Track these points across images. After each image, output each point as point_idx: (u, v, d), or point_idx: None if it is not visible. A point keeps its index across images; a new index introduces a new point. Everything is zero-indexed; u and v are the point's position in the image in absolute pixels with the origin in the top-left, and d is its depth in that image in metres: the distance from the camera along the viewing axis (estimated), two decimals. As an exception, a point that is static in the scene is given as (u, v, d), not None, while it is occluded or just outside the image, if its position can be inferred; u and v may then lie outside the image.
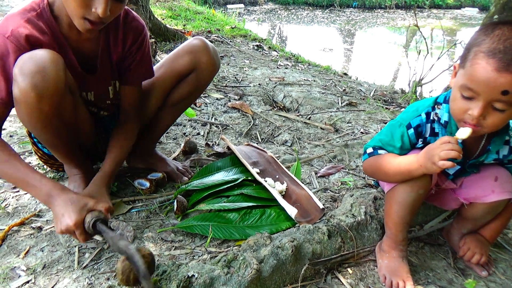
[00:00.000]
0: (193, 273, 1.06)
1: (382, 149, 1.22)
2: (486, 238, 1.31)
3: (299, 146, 2.15)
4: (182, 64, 1.50)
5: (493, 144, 1.14)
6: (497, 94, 0.92)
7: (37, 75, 1.06)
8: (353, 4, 14.38)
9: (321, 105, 2.78)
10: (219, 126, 2.29)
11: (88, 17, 1.10)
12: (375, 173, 1.27)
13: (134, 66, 1.40)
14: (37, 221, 1.37)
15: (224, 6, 11.67)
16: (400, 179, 1.15)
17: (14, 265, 1.18)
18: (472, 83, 0.96)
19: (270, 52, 4.69)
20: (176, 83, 1.55)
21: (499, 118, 0.97)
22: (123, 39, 1.35)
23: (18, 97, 1.09)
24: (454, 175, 1.26)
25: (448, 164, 0.99)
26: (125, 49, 1.37)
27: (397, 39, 9.51)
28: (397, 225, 1.20)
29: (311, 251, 1.22)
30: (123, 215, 1.44)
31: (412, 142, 1.17)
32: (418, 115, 1.16)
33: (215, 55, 1.53)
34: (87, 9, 1.08)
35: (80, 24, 1.12)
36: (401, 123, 1.17)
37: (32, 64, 1.06)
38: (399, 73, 5.92)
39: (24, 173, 1.15)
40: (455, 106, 1.03)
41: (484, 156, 1.17)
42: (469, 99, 0.98)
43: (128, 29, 1.34)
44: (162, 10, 6.06)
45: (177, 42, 4.28)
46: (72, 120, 1.30)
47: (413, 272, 1.25)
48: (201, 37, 1.53)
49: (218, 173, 1.70)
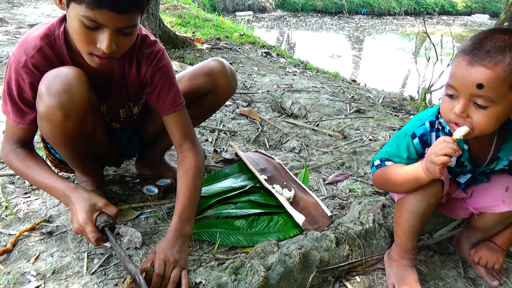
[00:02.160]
0: (200, 279, 1.06)
1: (389, 161, 1.22)
2: (498, 245, 1.29)
3: (307, 153, 2.15)
4: (199, 85, 1.48)
5: (502, 151, 1.13)
6: (473, 88, 0.94)
7: (64, 94, 1.08)
8: (362, 11, 14.37)
9: (329, 112, 2.78)
10: (227, 133, 2.30)
11: (95, 53, 1.06)
12: (384, 185, 1.28)
13: (159, 95, 1.30)
14: (48, 226, 1.39)
15: (233, 13, 11.75)
16: (409, 187, 1.15)
17: (25, 270, 1.19)
18: (451, 80, 0.99)
19: (279, 59, 4.71)
20: (190, 102, 1.48)
21: (484, 116, 0.96)
22: (137, 67, 1.29)
23: (44, 115, 1.12)
24: (465, 183, 1.24)
25: (445, 158, 0.99)
26: (141, 77, 1.30)
27: (406, 45, 9.48)
28: (407, 234, 1.19)
29: (318, 259, 1.21)
30: (132, 221, 1.45)
31: (419, 151, 1.17)
32: (422, 124, 1.16)
33: (232, 78, 1.51)
34: (92, 45, 1.05)
35: (88, 59, 1.10)
36: (406, 133, 1.18)
37: (58, 83, 1.07)
38: (408, 80, 5.89)
39: (44, 176, 1.20)
40: (442, 107, 1.06)
41: (495, 164, 1.15)
42: (452, 98, 1.01)
43: (142, 57, 1.27)
44: (171, 18, 6.12)
45: (186, 49, 4.32)
46: (91, 135, 1.33)
47: (423, 281, 1.24)
48: (219, 59, 1.50)
49: (226, 180, 1.70)
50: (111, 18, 0.99)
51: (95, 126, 1.33)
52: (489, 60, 0.92)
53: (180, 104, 1.33)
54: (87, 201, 1.14)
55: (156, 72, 1.28)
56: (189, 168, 1.30)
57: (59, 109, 1.09)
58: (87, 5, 0.96)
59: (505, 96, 0.94)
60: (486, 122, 0.97)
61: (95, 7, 0.96)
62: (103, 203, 1.16)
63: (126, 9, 1.00)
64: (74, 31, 1.05)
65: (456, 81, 0.98)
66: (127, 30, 1.05)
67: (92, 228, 1.11)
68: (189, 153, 1.33)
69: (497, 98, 0.93)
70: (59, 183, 1.19)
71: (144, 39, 1.28)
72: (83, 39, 1.04)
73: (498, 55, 0.92)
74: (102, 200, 1.17)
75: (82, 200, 1.14)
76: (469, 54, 0.95)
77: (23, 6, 5.88)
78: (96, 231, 1.11)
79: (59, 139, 1.22)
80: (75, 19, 1.01)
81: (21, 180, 1.66)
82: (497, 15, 13.33)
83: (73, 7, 1.00)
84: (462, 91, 0.97)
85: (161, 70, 1.29)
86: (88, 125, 1.26)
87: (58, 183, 1.19)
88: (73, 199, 1.15)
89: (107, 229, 1.12)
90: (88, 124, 1.26)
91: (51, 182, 1.19)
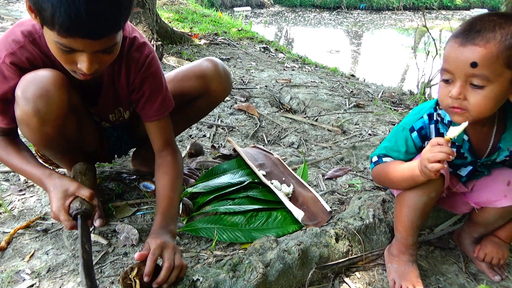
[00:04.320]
0: (198, 277, 1.04)
1: (387, 157, 1.21)
2: (502, 239, 1.27)
3: (306, 148, 2.13)
4: (190, 87, 1.43)
5: (503, 141, 1.11)
6: (467, 68, 0.94)
7: (40, 100, 1.03)
8: (361, 6, 14.32)
9: (328, 107, 2.76)
10: (225, 128, 2.28)
11: (77, 71, 1.01)
12: (383, 181, 1.27)
13: (146, 101, 1.26)
14: (43, 224, 1.37)
15: (231, 9, 11.69)
16: (406, 186, 1.14)
17: (19, 268, 1.17)
18: (445, 64, 0.99)
19: (277, 54, 4.68)
20: (182, 104, 1.46)
21: (482, 96, 0.95)
22: (126, 72, 1.22)
23: (21, 120, 1.08)
24: (467, 176, 1.22)
25: (438, 166, 0.97)
26: (129, 82, 1.25)
27: (405, 40, 9.44)
28: (407, 229, 1.18)
29: (318, 255, 1.20)
30: (128, 218, 1.43)
31: (418, 145, 1.16)
32: (420, 117, 1.15)
33: (227, 80, 1.45)
34: (72, 65, 0.99)
35: (73, 74, 1.06)
36: (404, 127, 1.17)
37: (34, 88, 1.03)
38: (408, 75, 5.86)
39: (23, 163, 1.17)
40: (439, 93, 1.05)
41: (496, 155, 1.13)
42: (448, 82, 1.00)
43: (130, 61, 1.21)
44: (169, 13, 6.08)
45: (184, 44, 4.29)
46: (76, 137, 1.28)
47: (424, 276, 1.22)
48: (213, 59, 1.43)
49: (224, 176, 1.68)
50: (87, 44, 0.93)
51: (82, 128, 1.29)
52: (480, 38, 0.92)
53: (165, 110, 1.29)
54: (59, 188, 1.09)
55: (146, 79, 1.23)
56: (169, 171, 1.29)
57: (35, 115, 1.04)
58: (57, 33, 0.89)
59: (501, 73, 0.93)
60: (483, 103, 0.96)
61: (67, 35, 0.89)
62: (74, 188, 1.10)
63: (101, 35, 0.92)
64: (52, 51, 1.00)
65: (450, 64, 0.98)
66: (107, 49, 0.98)
67: (65, 216, 1.07)
68: (169, 158, 1.31)
69: (493, 76, 0.93)
70: (36, 170, 1.15)
71: (133, 42, 1.21)
72: (62, 60, 0.99)
73: (489, 33, 0.92)
74: (73, 184, 1.11)
75: (55, 188, 1.10)
76: (460, 36, 0.96)
77: (19, 2, 5.83)
78: (69, 219, 1.07)
79: (40, 142, 1.18)
80: (51, 42, 0.96)
81: (16, 177, 1.64)
82: (496, 10, 13.29)
83: (46, 31, 0.93)
84: (457, 73, 0.96)
85: (151, 77, 1.24)
86: (70, 129, 1.22)
87: (34, 170, 1.15)
88: (48, 186, 1.12)
89: (79, 217, 1.07)
90: (70, 128, 1.21)
91: (28, 169, 1.16)
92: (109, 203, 1.47)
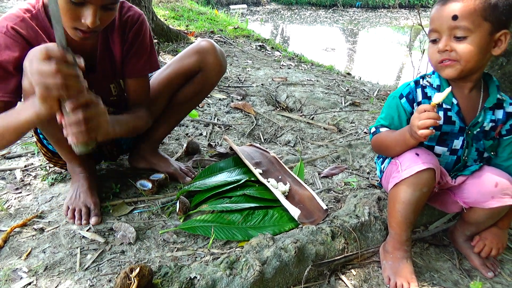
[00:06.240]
0: (195, 274, 1.05)
1: (384, 127, 1.28)
2: (498, 227, 1.30)
3: (302, 147, 2.14)
4: (189, 64, 1.53)
5: (487, 102, 1.18)
6: (450, 21, 1.06)
7: None
8: (356, 4, 14.33)
9: (324, 105, 2.77)
10: (222, 127, 2.29)
11: (79, 27, 1.10)
12: (380, 149, 1.32)
13: (132, 56, 1.36)
14: (39, 222, 1.37)
15: (227, 7, 11.67)
16: (400, 150, 1.20)
17: (16, 266, 1.17)
18: (431, 25, 1.12)
19: (273, 52, 4.68)
20: (183, 83, 1.57)
21: (466, 45, 1.06)
22: (121, 33, 1.33)
23: (28, 90, 1.06)
24: (456, 170, 1.24)
25: (427, 132, 1.05)
26: (125, 42, 1.35)
27: (401, 38, 9.46)
28: (401, 225, 1.19)
29: (314, 253, 1.21)
30: (125, 216, 1.43)
31: (407, 110, 1.24)
32: (407, 85, 1.26)
33: (222, 57, 1.57)
34: (76, 20, 1.08)
35: (72, 33, 1.13)
36: (394, 96, 1.26)
37: None
38: (403, 73, 5.89)
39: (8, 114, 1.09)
40: (429, 53, 1.15)
41: (482, 116, 1.18)
42: (436, 42, 1.11)
43: (124, 22, 1.33)
44: (165, 11, 6.06)
45: (180, 42, 4.28)
46: None
47: (418, 273, 1.24)
48: (208, 39, 1.56)
49: (221, 174, 1.69)
50: None
51: None
52: None
53: (148, 70, 1.41)
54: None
55: (138, 34, 1.35)
56: (136, 112, 1.40)
57: None
58: None
59: (480, 24, 1.05)
60: (469, 50, 1.06)
61: None
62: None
63: None
64: (60, 6, 1.04)
65: (434, 22, 1.10)
66: (110, 5, 1.11)
67: None
68: (142, 109, 1.43)
69: (473, 26, 1.04)
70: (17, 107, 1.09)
71: (122, 5, 1.33)
72: (68, 14, 1.07)
73: None
74: None
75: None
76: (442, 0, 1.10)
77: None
78: None
79: None
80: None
81: (12, 175, 1.64)
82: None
83: None
84: (442, 29, 1.08)
85: (142, 33, 1.36)
86: None
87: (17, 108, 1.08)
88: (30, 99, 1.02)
89: None
90: None
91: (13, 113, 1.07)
92: (106, 201, 1.47)
